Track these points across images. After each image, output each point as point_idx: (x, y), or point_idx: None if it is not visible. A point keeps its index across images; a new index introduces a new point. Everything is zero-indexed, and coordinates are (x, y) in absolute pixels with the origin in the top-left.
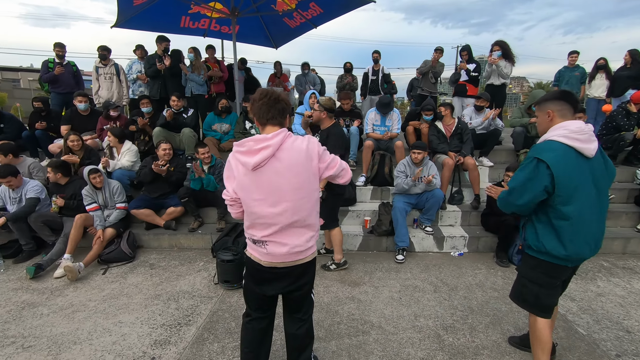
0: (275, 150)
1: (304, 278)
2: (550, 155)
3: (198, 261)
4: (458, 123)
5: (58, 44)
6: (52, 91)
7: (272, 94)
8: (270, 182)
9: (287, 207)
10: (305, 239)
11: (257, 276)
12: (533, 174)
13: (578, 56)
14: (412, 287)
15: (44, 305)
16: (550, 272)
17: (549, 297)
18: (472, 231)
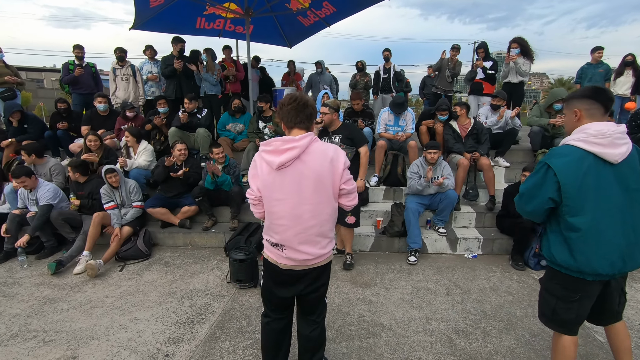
0: (301, 151)
1: (320, 280)
2: (560, 162)
3: (211, 260)
4: (474, 124)
5: (77, 45)
6: (73, 92)
7: (301, 100)
8: (293, 182)
9: (306, 210)
10: (322, 246)
11: (275, 278)
12: (541, 181)
13: (603, 52)
14: (424, 290)
15: (64, 301)
16: (566, 285)
17: (567, 311)
18: (486, 233)
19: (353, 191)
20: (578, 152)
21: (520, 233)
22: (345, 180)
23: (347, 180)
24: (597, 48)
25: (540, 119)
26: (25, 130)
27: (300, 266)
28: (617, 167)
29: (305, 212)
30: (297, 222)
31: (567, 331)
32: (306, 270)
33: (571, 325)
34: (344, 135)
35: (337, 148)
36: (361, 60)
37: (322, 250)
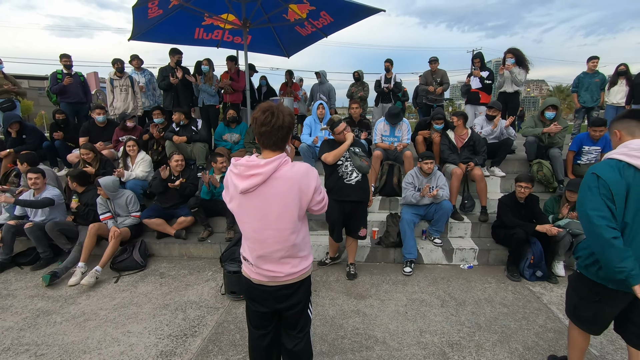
0: (265, 178)
1: (294, 298)
2: (607, 172)
3: (207, 270)
4: (471, 135)
5: (64, 55)
6: (61, 101)
7: (276, 121)
8: (257, 208)
9: (269, 235)
10: (292, 265)
11: (249, 293)
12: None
13: (598, 62)
14: (418, 301)
15: (57, 313)
16: (590, 287)
17: (586, 310)
18: (482, 243)
19: (321, 205)
20: (621, 164)
21: (515, 244)
22: (315, 202)
23: (317, 202)
24: (592, 57)
25: (534, 129)
26: (24, 141)
27: (271, 282)
28: None
29: (269, 237)
30: (261, 246)
31: (586, 329)
32: (278, 286)
33: (589, 325)
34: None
35: (308, 170)
36: (358, 71)
37: (293, 269)
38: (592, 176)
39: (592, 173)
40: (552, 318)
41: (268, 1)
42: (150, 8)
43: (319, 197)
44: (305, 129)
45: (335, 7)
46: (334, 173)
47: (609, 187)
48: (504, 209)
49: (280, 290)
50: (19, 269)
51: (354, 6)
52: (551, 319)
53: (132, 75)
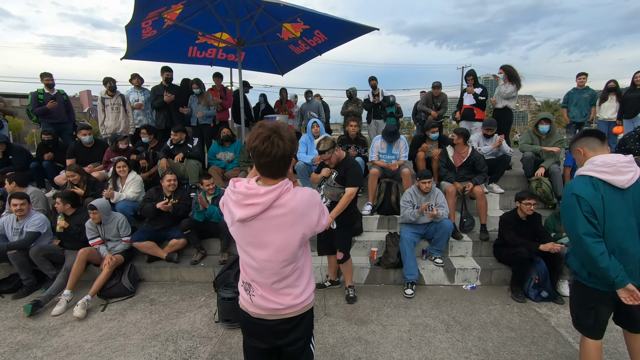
0: (264, 208)
1: (295, 333)
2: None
3: (199, 296)
4: (472, 153)
5: (45, 73)
6: (43, 121)
7: (277, 151)
8: (255, 237)
9: (267, 267)
10: (292, 297)
11: (247, 327)
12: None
13: (587, 77)
14: (422, 326)
15: (38, 347)
16: (584, 293)
17: (586, 317)
18: (484, 262)
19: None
20: (592, 179)
21: (518, 263)
22: (321, 226)
23: (323, 226)
24: (580, 74)
25: (532, 146)
26: (10, 162)
27: (271, 315)
28: (626, 192)
29: (267, 268)
30: (259, 276)
31: (590, 335)
32: (278, 320)
33: (592, 330)
34: (339, 174)
35: (312, 197)
36: (349, 89)
37: (295, 300)
38: (572, 197)
39: (571, 194)
40: (562, 342)
41: (262, 20)
42: (144, 28)
43: (324, 221)
44: (301, 147)
45: (329, 26)
46: None
47: (589, 203)
48: (506, 227)
49: (280, 324)
50: (0, 298)
51: (348, 25)
52: (561, 343)
53: (132, 93)
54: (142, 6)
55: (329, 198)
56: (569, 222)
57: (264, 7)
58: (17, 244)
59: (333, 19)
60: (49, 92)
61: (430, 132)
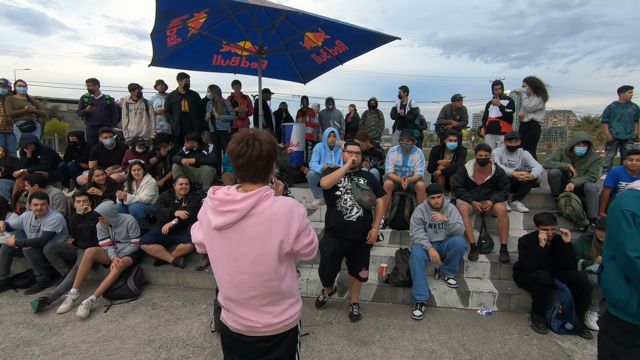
0: (242, 215)
1: (276, 352)
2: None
3: (201, 303)
4: (495, 171)
5: (90, 80)
6: (86, 124)
7: (254, 150)
8: (231, 248)
9: (244, 280)
10: (272, 316)
11: (226, 341)
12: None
13: (633, 91)
14: (427, 352)
15: (37, 345)
16: (627, 329)
17: (627, 356)
18: (503, 286)
19: (309, 249)
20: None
21: (539, 290)
22: (302, 245)
23: (304, 246)
24: (626, 87)
25: (559, 162)
26: (38, 161)
27: (249, 332)
28: None
29: (244, 282)
30: (236, 291)
31: None
32: (257, 338)
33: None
34: (368, 181)
35: (292, 207)
36: (373, 98)
37: (274, 319)
38: (627, 214)
39: (626, 210)
40: None
41: (284, 29)
42: (169, 36)
43: (307, 241)
44: (315, 155)
45: (349, 36)
46: (334, 207)
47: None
48: (524, 251)
49: (259, 342)
50: (14, 292)
51: (369, 34)
52: None
53: (156, 99)
54: (163, 14)
55: (364, 204)
56: (616, 238)
57: (285, 15)
58: (32, 241)
59: (354, 28)
60: (93, 96)
61: (447, 141)
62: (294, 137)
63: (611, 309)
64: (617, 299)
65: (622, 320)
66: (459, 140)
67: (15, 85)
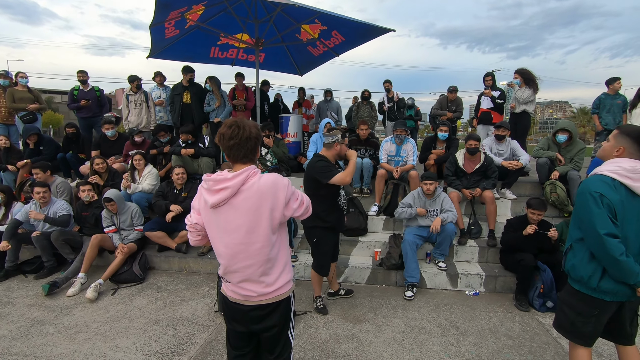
0: (234, 191)
1: (269, 321)
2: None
3: (204, 286)
4: (485, 159)
5: (80, 71)
6: (77, 116)
7: (244, 133)
8: (227, 222)
9: (241, 250)
10: (264, 285)
11: (226, 310)
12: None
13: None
14: (417, 328)
15: (51, 324)
16: (587, 302)
17: (585, 325)
18: (489, 269)
19: (302, 209)
20: (615, 182)
21: (523, 271)
22: (292, 210)
23: (295, 209)
24: (614, 79)
25: (546, 151)
26: (41, 152)
27: (245, 301)
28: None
29: (240, 251)
30: (233, 262)
31: (584, 343)
32: (252, 306)
33: (587, 338)
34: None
35: (276, 180)
36: (367, 90)
37: (266, 289)
38: (595, 195)
39: (595, 192)
40: (561, 354)
41: (281, 21)
42: (167, 28)
43: (295, 205)
44: (312, 145)
45: (346, 27)
46: (335, 205)
47: (612, 206)
48: (509, 230)
49: (254, 310)
50: (24, 277)
51: (364, 26)
52: (560, 355)
53: (154, 90)
54: (162, 6)
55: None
56: (587, 217)
57: (281, 8)
58: (58, 221)
59: (350, 21)
60: (83, 88)
61: (439, 131)
62: (291, 128)
63: (574, 284)
64: (582, 275)
65: (583, 294)
66: (450, 131)
67: (17, 77)
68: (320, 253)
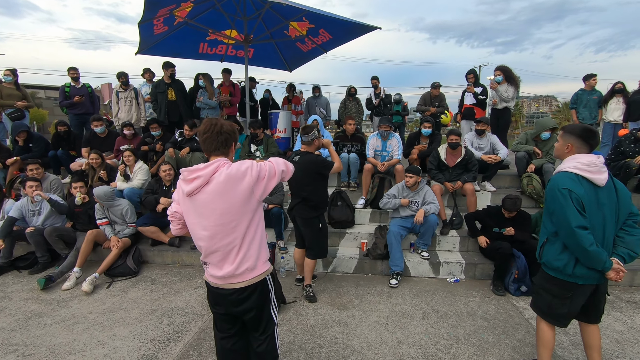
0: (206, 179)
1: (247, 303)
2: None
3: (197, 278)
4: (465, 153)
5: (72, 68)
6: (69, 113)
7: (215, 127)
8: (203, 207)
9: (218, 230)
10: (238, 263)
11: (210, 296)
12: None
13: (597, 79)
14: (400, 313)
15: (48, 316)
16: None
17: (561, 307)
18: (469, 257)
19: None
20: (578, 177)
21: (500, 258)
22: (265, 182)
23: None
24: (590, 75)
25: (525, 145)
26: (30, 149)
27: (225, 285)
28: (601, 190)
29: (218, 232)
30: (213, 242)
31: (560, 324)
32: (231, 290)
33: (562, 319)
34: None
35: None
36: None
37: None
38: (564, 191)
39: (563, 188)
40: (531, 333)
41: (270, 18)
42: (156, 25)
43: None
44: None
45: (333, 25)
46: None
47: (580, 200)
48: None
49: (233, 294)
50: (18, 273)
51: (351, 24)
52: (530, 333)
53: (144, 87)
54: (152, 3)
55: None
56: (561, 216)
57: (269, 5)
58: (62, 205)
59: (336, 19)
60: (74, 85)
61: (422, 127)
62: (280, 123)
63: (550, 271)
64: (558, 265)
65: (559, 279)
66: (433, 127)
67: (4, 74)
68: (324, 237)
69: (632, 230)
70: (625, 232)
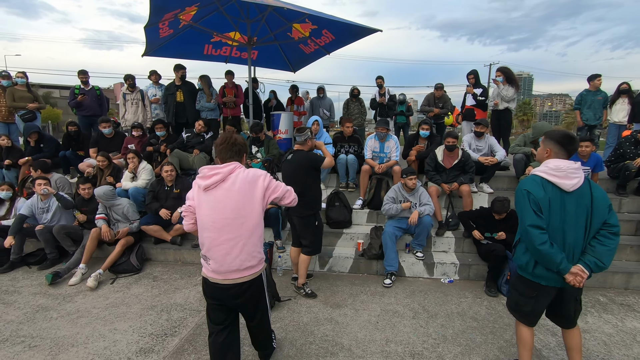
0: (224, 176)
1: (245, 296)
2: (532, 187)
3: (197, 276)
4: (462, 155)
5: (82, 71)
6: (78, 114)
7: (230, 140)
8: (217, 201)
9: (226, 224)
10: (242, 259)
11: (207, 290)
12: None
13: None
14: (391, 312)
15: (54, 310)
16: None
17: (525, 305)
18: (464, 258)
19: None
20: (542, 180)
21: (494, 260)
22: (270, 192)
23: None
24: (595, 75)
25: (522, 147)
26: (41, 150)
27: (225, 280)
28: (569, 195)
29: (226, 225)
30: (219, 234)
31: (526, 322)
32: (229, 285)
33: (528, 317)
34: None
35: (256, 172)
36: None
37: (243, 263)
38: (524, 192)
39: (523, 189)
40: None
41: (273, 20)
42: (161, 28)
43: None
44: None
45: (335, 27)
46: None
47: (537, 201)
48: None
49: (232, 288)
50: (28, 268)
51: (353, 27)
52: None
53: (150, 89)
54: (157, 8)
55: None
56: (519, 214)
57: (271, 9)
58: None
59: (338, 21)
60: (84, 87)
61: (420, 129)
62: (282, 124)
63: (519, 270)
64: (521, 263)
65: (525, 278)
66: (431, 129)
67: (16, 76)
68: (321, 234)
69: (604, 240)
70: (598, 242)
